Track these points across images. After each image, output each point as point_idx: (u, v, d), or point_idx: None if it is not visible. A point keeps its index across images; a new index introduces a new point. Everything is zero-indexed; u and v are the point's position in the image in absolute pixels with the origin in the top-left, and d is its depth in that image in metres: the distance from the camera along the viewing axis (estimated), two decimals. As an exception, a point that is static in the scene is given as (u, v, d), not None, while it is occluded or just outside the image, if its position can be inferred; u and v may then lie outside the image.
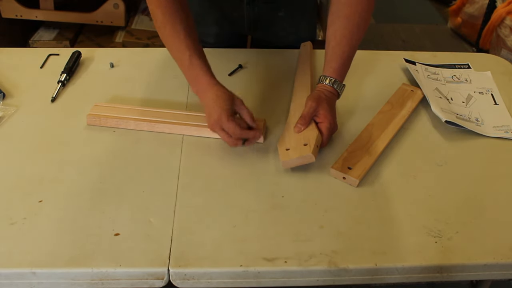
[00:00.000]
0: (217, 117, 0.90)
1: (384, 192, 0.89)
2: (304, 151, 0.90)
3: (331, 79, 0.99)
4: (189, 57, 0.95)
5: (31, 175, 0.90)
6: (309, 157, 0.90)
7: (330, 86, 0.99)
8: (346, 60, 1.00)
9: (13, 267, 0.75)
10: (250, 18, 1.24)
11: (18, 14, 2.20)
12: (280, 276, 0.77)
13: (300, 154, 0.90)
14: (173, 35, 0.96)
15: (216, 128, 0.92)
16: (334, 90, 0.99)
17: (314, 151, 0.90)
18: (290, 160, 0.91)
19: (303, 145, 0.92)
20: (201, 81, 0.95)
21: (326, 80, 0.99)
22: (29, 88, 1.13)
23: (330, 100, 0.98)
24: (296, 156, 0.90)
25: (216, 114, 0.91)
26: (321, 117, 0.96)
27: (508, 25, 2.56)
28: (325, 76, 0.99)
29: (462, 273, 0.79)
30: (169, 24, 0.96)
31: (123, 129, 1.02)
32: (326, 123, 0.95)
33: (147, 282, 0.76)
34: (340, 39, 0.98)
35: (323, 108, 0.96)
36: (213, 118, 0.91)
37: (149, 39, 2.27)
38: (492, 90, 1.17)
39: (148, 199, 0.86)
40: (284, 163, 0.91)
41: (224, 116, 0.90)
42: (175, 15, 0.96)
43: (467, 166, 0.96)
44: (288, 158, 0.91)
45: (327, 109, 0.96)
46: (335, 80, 0.99)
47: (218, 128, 0.91)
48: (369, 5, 0.99)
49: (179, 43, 0.95)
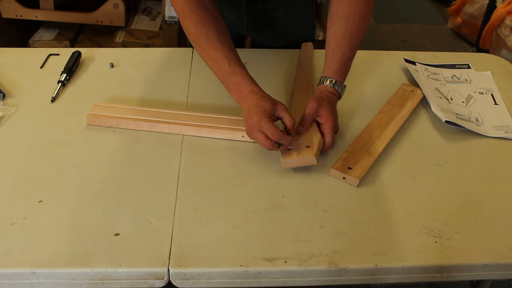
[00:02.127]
0: (257, 119, 0.89)
1: (384, 192, 0.89)
2: (306, 153, 0.90)
3: (331, 80, 0.99)
4: (228, 66, 0.95)
5: (31, 175, 0.90)
6: (311, 159, 0.90)
7: (330, 87, 0.99)
8: (347, 61, 1.00)
9: (13, 267, 0.75)
10: (249, 18, 1.24)
11: (18, 14, 2.20)
12: (280, 276, 0.77)
13: (302, 156, 0.90)
14: (209, 46, 0.96)
15: (255, 130, 0.90)
16: (335, 91, 0.99)
17: (316, 154, 0.90)
18: (292, 160, 0.91)
19: (305, 146, 0.92)
20: (243, 89, 0.94)
21: (327, 81, 0.99)
22: (29, 88, 1.13)
23: (332, 100, 0.98)
24: (298, 157, 0.90)
25: (257, 116, 0.89)
26: (323, 118, 0.95)
27: (508, 25, 2.56)
28: (326, 77, 0.99)
29: (462, 273, 0.79)
30: (203, 36, 0.96)
31: (123, 129, 1.02)
32: (329, 124, 0.95)
33: (147, 282, 0.76)
34: (340, 40, 0.99)
35: (325, 108, 0.95)
36: (253, 120, 0.90)
37: (149, 39, 2.27)
38: (492, 90, 1.17)
39: (148, 199, 0.86)
40: (285, 163, 0.91)
41: (264, 118, 0.89)
42: (207, 25, 0.96)
43: (467, 166, 0.96)
44: (290, 158, 0.91)
45: (328, 109, 0.96)
46: (336, 81, 0.99)
47: (257, 130, 0.90)
48: (369, 6, 0.99)
49: (216, 54, 0.95)
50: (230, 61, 0.95)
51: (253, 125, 0.90)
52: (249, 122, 0.91)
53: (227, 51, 0.96)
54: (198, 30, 0.96)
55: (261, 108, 0.90)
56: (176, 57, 1.25)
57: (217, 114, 1.04)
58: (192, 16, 0.96)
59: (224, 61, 0.95)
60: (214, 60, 0.96)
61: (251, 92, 0.93)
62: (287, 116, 0.92)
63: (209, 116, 1.03)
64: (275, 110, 0.92)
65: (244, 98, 0.94)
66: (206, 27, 0.96)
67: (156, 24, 2.37)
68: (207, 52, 0.97)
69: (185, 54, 1.26)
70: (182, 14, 0.98)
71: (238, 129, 0.99)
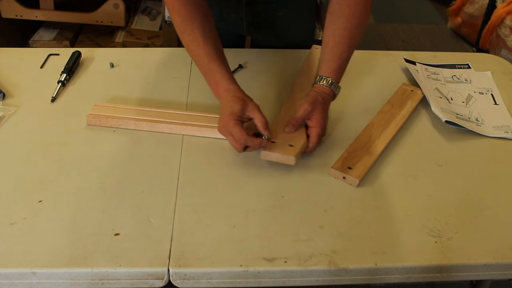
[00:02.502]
0: (225, 122, 0.90)
1: (384, 192, 0.89)
2: (288, 151, 0.91)
3: (328, 80, 0.99)
4: (207, 63, 0.95)
5: (31, 175, 0.90)
6: (291, 159, 0.90)
7: (327, 87, 0.99)
8: (345, 60, 1.00)
9: (13, 267, 0.75)
10: (249, 18, 1.24)
11: (18, 14, 2.20)
12: (280, 276, 0.77)
13: (283, 153, 0.90)
14: (192, 42, 0.97)
15: (223, 131, 0.92)
16: (330, 91, 0.99)
17: (297, 155, 0.91)
18: (272, 153, 0.91)
19: (288, 145, 0.92)
20: (219, 87, 0.95)
21: (324, 80, 0.99)
22: (29, 88, 1.13)
23: (326, 102, 0.98)
24: (278, 153, 0.91)
25: (224, 119, 0.90)
26: (314, 122, 0.95)
27: (508, 25, 2.56)
28: (323, 76, 0.99)
29: (462, 273, 0.79)
30: (187, 31, 0.97)
31: (123, 129, 1.02)
32: (317, 128, 0.95)
33: (147, 282, 0.76)
34: (339, 39, 0.99)
35: (318, 112, 0.96)
36: (221, 122, 0.91)
37: (149, 39, 2.27)
38: (492, 90, 1.17)
39: (148, 199, 0.86)
40: (264, 154, 0.92)
41: (231, 121, 0.89)
42: (194, 20, 0.96)
43: (467, 166, 0.96)
44: (271, 151, 0.91)
45: (321, 114, 0.96)
46: (333, 81, 0.99)
47: (225, 132, 0.91)
48: (367, 7, 1.00)
49: (198, 49, 0.96)
50: (210, 58, 0.95)
51: (221, 127, 0.92)
52: (219, 123, 0.92)
53: (209, 47, 0.96)
54: (183, 24, 0.97)
55: (229, 110, 0.90)
56: (176, 57, 1.25)
57: (216, 114, 1.04)
58: (180, 9, 0.97)
59: (204, 58, 0.96)
60: (196, 55, 0.97)
61: (226, 91, 0.94)
62: (257, 116, 0.92)
63: (209, 116, 1.03)
64: (245, 111, 0.92)
65: (220, 97, 0.95)
66: (192, 22, 0.96)
67: (156, 24, 2.37)
68: (190, 47, 0.98)
69: (185, 54, 1.26)
70: (170, 7, 0.99)
71: None
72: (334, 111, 1.07)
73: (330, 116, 1.04)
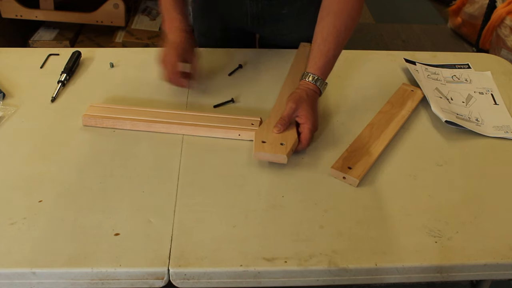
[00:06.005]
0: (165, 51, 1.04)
1: (384, 192, 0.89)
2: (279, 150, 0.91)
3: (314, 77, 0.99)
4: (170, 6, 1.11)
5: (31, 175, 0.90)
6: (283, 158, 0.91)
7: (312, 84, 0.99)
8: (331, 58, 1.00)
9: (13, 267, 0.75)
10: (254, 15, 1.24)
11: (18, 14, 2.20)
12: (280, 276, 0.77)
13: (274, 152, 0.91)
14: None
15: (159, 59, 1.04)
16: (316, 88, 0.99)
17: (288, 153, 0.91)
18: (264, 154, 0.91)
19: (279, 144, 0.92)
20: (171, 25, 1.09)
21: (309, 77, 0.99)
22: (29, 88, 1.13)
23: (311, 99, 0.98)
24: (270, 152, 0.91)
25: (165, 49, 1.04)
26: (303, 118, 0.96)
27: (508, 25, 2.56)
28: (308, 73, 0.99)
29: (462, 273, 0.79)
30: None
31: (123, 129, 1.01)
32: (308, 124, 0.95)
33: (147, 282, 0.76)
34: (327, 36, 0.98)
35: (303, 109, 0.96)
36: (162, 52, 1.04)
37: (149, 39, 2.27)
38: (492, 90, 1.17)
39: (148, 199, 0.86)
40: (256, 155, 0.92)
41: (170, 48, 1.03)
42: None
43: (467, 166, 0.96)
44: (263, 151, 0.91)
45: (307, 110, 0.96)
46: (318, 78, 0.99)
47: (160, 59, 1.04)
48: (359, 4, 0.99)
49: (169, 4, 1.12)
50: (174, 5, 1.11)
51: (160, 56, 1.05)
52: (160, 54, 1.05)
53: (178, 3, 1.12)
54: None
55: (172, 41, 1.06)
56: (176, 57, 1.25)
57: (213, 113, 1.04)
58: None
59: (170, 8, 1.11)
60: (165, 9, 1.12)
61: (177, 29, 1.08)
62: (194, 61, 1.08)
63: (206, 115, 1.03)
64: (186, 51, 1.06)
65: (168, 33, 1.09)
66: None
67: (156, 24, 2.37)
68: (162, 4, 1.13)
69: (185, 54, 1.26)
70: None
71: (234, 128, 0.99)
72: (334, 110, 1.07)
73: (330, 116, 1.05)
